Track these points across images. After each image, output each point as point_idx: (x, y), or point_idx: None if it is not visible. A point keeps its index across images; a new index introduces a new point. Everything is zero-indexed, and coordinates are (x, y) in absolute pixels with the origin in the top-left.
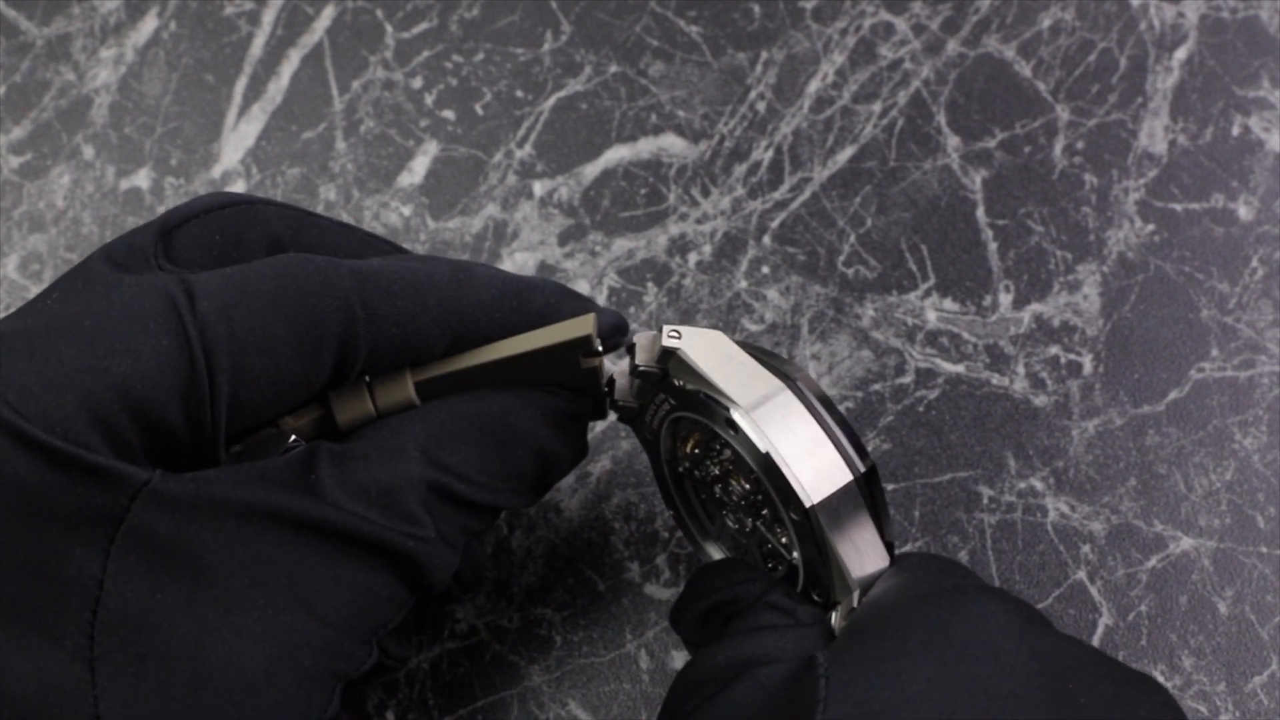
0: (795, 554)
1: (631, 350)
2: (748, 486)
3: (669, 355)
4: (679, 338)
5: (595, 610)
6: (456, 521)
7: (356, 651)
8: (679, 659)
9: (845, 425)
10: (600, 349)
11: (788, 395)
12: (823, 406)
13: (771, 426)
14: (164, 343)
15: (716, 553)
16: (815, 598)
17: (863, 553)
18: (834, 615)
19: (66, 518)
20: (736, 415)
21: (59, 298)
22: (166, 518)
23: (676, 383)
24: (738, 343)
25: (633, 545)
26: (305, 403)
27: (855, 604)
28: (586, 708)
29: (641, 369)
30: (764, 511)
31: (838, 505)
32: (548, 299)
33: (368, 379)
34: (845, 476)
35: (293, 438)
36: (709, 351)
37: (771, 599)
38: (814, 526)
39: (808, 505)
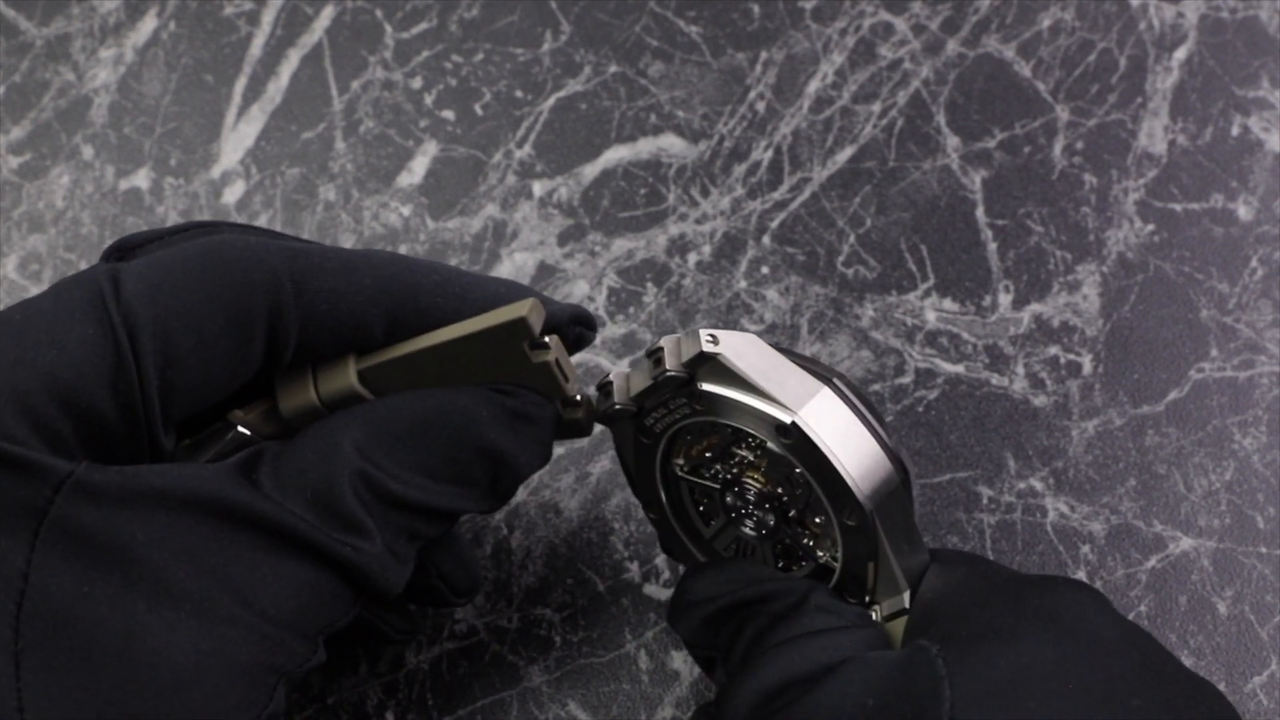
0: (824, 555)
1: (656, 354)
2: (778, 490)
3: (704, 360)
4: (716, 342)
5: (595, 610)
6: (398, 524)
7: (298, 647)
8: (678, 659)
9: (884, 424)
10: (540, 335)
11: (832, 397)
12: (863, 405)
13: (823, 430)
14: (89, 330)
15: (701, 556)
16: (849, 599)
17: (910, 552)
18: (874, 614)
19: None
20: (793, 420)
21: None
22: (92, 509)
23: (705, 387)
24: (770, 344)
25: (632, 545)
26: (247, 389)
27: (906, 603)
28: (586, 708)
29: (670, 374)
30: (791, 513)
31: (889, 507)
32: (496, 290)
33: (312, 367)
34: (894, 477)
35: (243, 430)
36: (750, 355)
37: (819, 601)
38: (870, 529)
39: (868, 510)
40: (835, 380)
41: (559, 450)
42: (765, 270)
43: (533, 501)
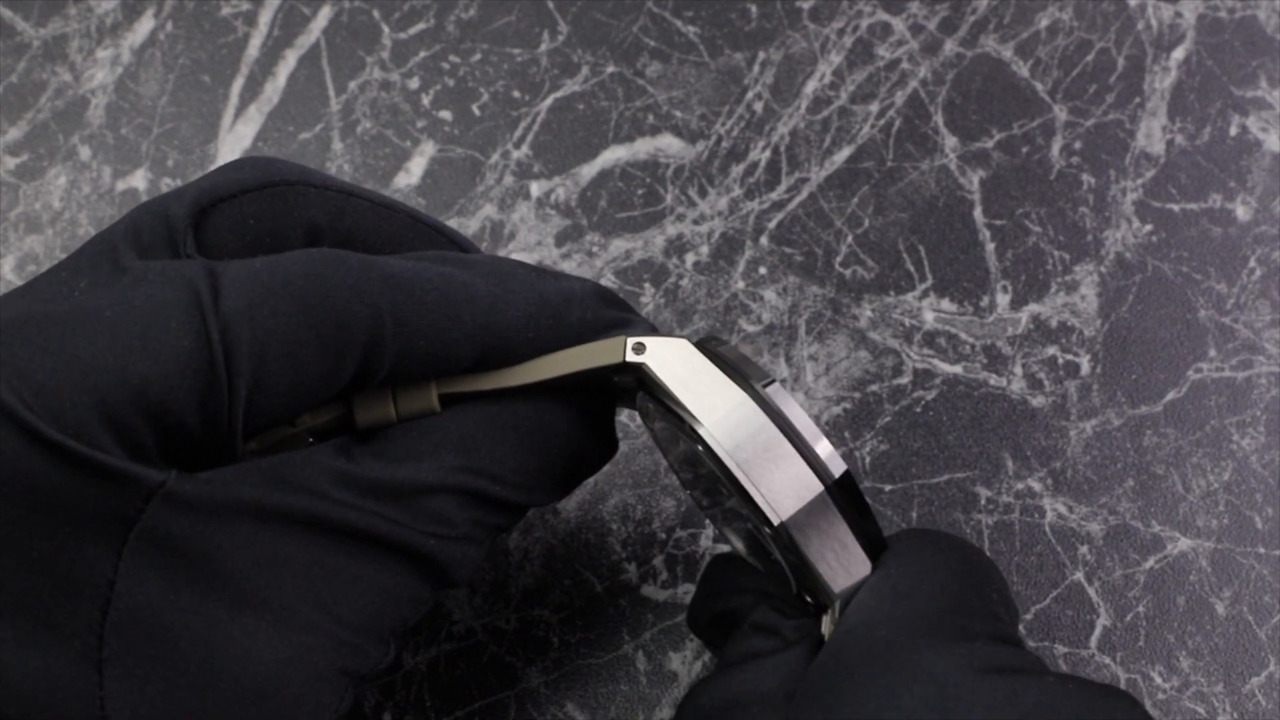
0: (776, 555)
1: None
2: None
3: (628, 369)
4: (643, 351)
5: (592, 612)
6: (487, 521)
7: (373, 650)
8: (676, 660)
9: (813, 432)
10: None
11: (751, 408)
12: (791, 414)
13: (736, 441)
14: (184, 343)
15: (736, 539)
16: (809, 599)
17: (841, 563)
18: (825, 620)
19: (79, 517)
20: (700, 431)
21: (84, 285)
22: (181, 519)
23: (651, 392)
24: (712, 346)
25: (630, 546)
26: (324, 402)
27: (837, 615)
28: (584, 709)
29: (616, 381)
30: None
31: (808, 518)
32: (584, 314)
33: (392, 386)
34: (815, 488)
35: (310, 441)
36: (674, 364)
37: (758, 619)
38: (788, 542)
39: (775, 523)
40: (762, 386)
41: None
42: (763, 271)
43: None
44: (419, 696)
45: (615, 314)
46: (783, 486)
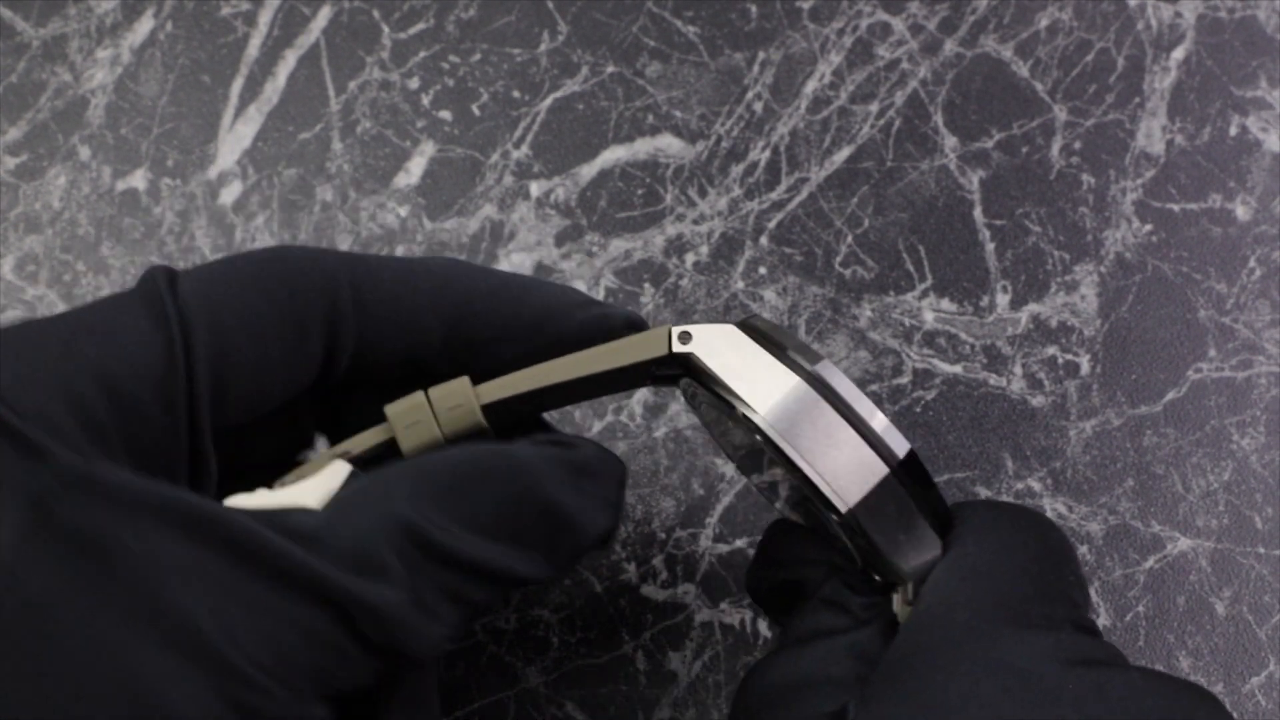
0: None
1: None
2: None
3: (676, 360)
4: (689, 340)
5: (592, 612)
6: (440, 580)
7: (279, 694)
8: (675, 660)
9: (869, 408)
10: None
11: (806, 391)
12: (845, 392)
13: (796, 429)
14: (142, 323)
15: (792, 513)
16: (876, 578)
17: (910, 541)
18: (895, 599)
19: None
20: (757, 420)
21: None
22: (92, 507)
23: (699, 380)
24: (755, 324)
25: (630, 546)
26: (346, 418)
27: (911, 596)
28: (584, 709)
29: (657, 373)
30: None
31: (876, 502)
32: (551, 294)
33: (431, 404)
34: (880, 471)
35: (349, 469)
36: (724, 352)
37: (828, 594)
38: (855, 526)
39: (843, 510)
40: (817, 369)
41: None
42: (763, 270)
43: None
44: None
45: (579, 298)
46: (847, 472)
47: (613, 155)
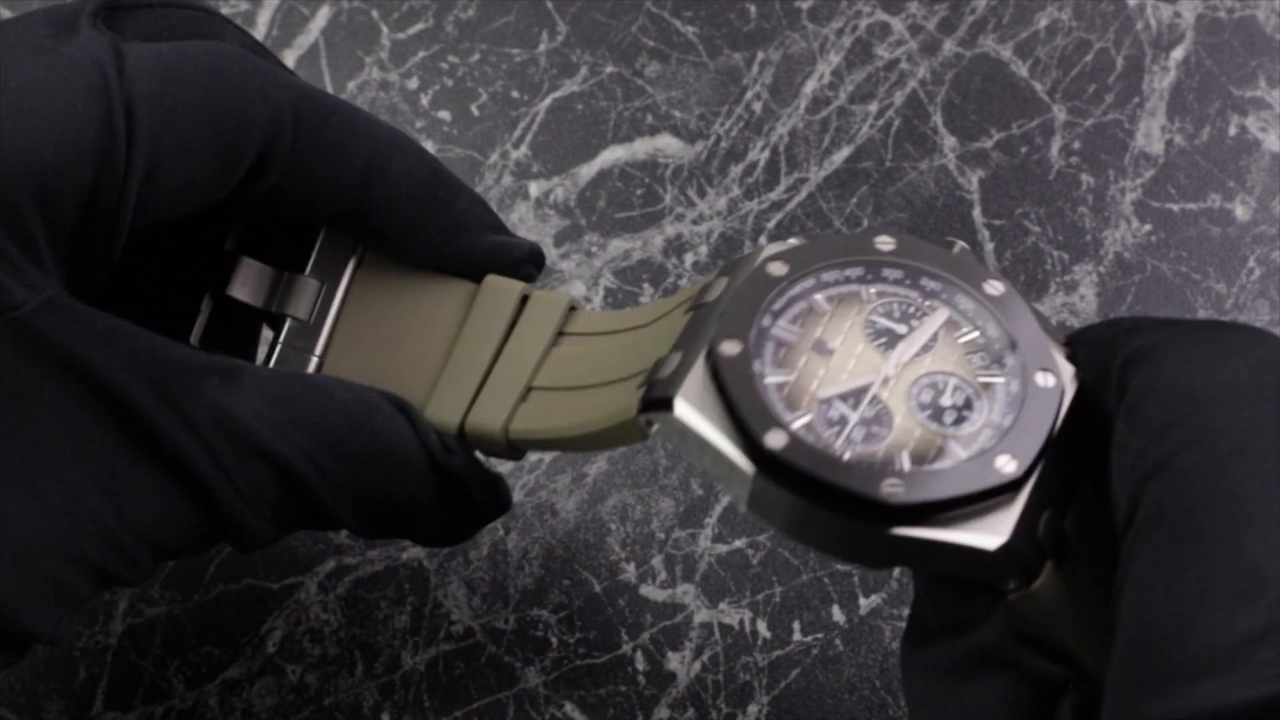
0: None
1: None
2: None
3: None
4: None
5: (591, 612)
6: (291, 515)
7: (141, 560)
8: (674, 660)
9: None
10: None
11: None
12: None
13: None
14: (89, 132)
15: None
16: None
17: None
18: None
19: None
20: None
21: None
22: (13, 350)
23: None
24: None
25: (629, 546)
26: (209, 210)
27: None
28: (583, 709)
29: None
30: None
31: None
32: (473, 208)
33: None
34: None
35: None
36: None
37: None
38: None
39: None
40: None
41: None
42: None
43: (529, 503)
44: (417, 697)
45: (496, 219)
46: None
47: (612, 155)
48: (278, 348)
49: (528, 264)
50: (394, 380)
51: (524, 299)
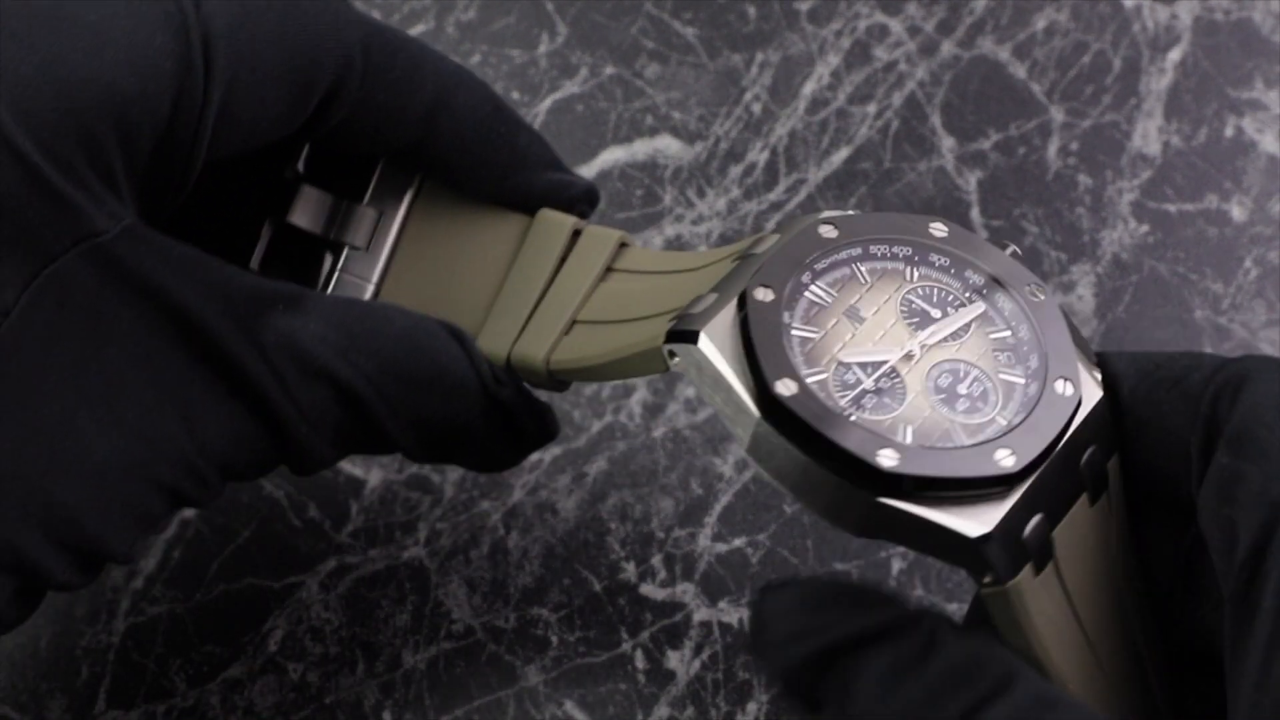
0: None
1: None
2: None
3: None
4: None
5: (591, 610)
6: (353, 436)
7: (212, 481)
8: (674, 659)
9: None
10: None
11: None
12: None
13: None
14: (166, 65)
15: None
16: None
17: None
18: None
19: (11, 233)
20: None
21: None
22: (95, 277)
23: None
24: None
25: (629, 545)
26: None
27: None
28: (583, 707)
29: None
30: None
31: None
32: (533, 145)
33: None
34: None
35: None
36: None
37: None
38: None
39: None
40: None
41: (555, 450)
42: None
43: (529, 501)
44: (418, 695)
45: (555, 156)
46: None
47: (612, 156)
48: (336, 274)
49: (582, 202)
50: (447, 309)
51: (576, 233)
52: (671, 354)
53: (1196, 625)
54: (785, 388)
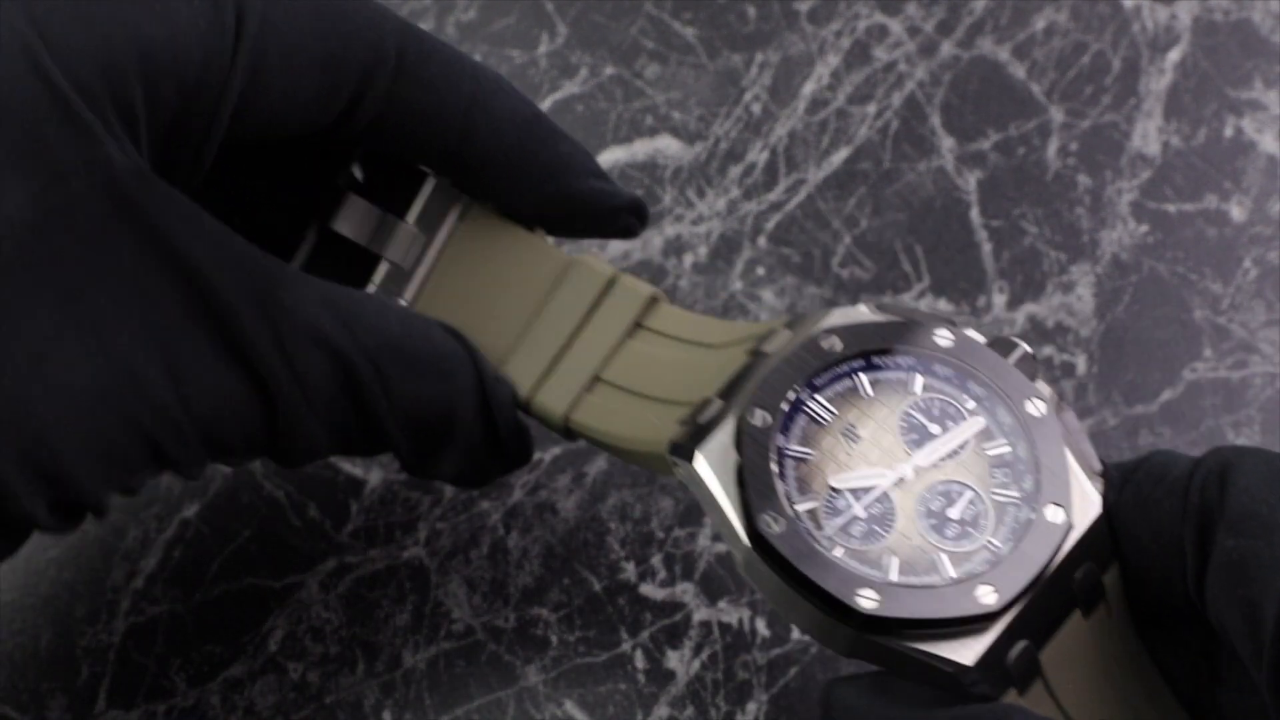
0: None
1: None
2: None
3: None
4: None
5: (591, 610)
6: (344, 423)
7: (193, 444)
8: (674, 658)
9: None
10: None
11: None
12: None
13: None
14: (200, 22)
15: None
16: None
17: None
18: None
19: (24, 148)
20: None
21: None
22: (103, 208)
23: None
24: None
25: (629, 545)
26: (312, 135)
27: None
28: (582, 707)
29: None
30: None
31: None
32: (574, 152)
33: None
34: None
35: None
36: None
37: None
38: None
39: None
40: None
41: (555, 450)
42: (761, 271)
43: (529, 502)
44: (418, 695)
45: (598, 166)
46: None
47: (612, 156)
48: (370, 287)
49: (627, 213)
50: (474, 338)
51: (610, 282)
52: (674, 463)
53: (1225, 716)
54: (769, 525)
